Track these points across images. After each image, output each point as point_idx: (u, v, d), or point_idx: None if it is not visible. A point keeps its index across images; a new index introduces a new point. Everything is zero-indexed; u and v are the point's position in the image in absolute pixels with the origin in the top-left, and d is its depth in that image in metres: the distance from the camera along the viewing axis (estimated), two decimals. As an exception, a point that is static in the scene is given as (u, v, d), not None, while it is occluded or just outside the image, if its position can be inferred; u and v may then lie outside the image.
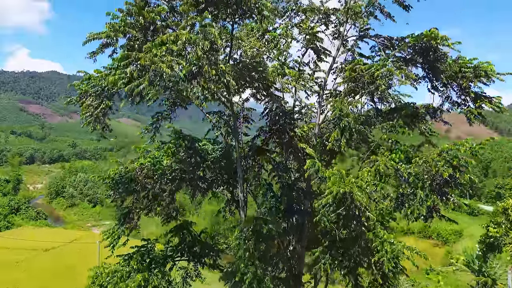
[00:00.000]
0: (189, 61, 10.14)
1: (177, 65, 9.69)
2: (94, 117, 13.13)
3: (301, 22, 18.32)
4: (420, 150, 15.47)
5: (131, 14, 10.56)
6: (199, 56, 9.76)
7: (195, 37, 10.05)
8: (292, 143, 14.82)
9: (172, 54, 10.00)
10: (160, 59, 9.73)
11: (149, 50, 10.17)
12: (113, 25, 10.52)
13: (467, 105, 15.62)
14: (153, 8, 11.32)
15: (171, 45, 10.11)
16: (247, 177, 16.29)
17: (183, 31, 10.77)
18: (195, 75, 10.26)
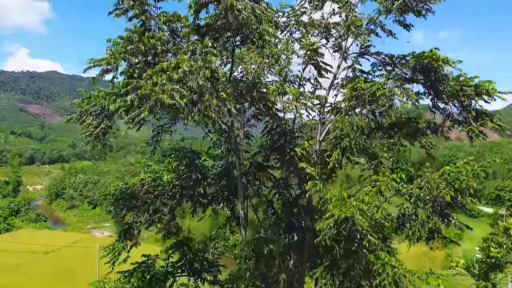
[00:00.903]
0: (190, 88, 10.08)
1: (177, 94, 9.65)
2: (94, 136, 13.13)
3: (302, 37, 18.31)
4: (422, 169, 15.44)
5: (132, 41, 10.51)
6: (200, 84, 9.71)
7: (196, 65, 10.01)
8: (293, 161, 14.76)
9: (172, 82, 9.97)
10: (161, 88, 9.70)
11: (150, 77, 10.15)
12: (113, 52, 10.49)
13: (468, 122, 15.59)
14: (153, 33, 11.29)
15: (172, 72, 10.07)
16: (247, 194, 16.26)
17: (184, 55, 10.74)
18: (195, 103, 10.21)
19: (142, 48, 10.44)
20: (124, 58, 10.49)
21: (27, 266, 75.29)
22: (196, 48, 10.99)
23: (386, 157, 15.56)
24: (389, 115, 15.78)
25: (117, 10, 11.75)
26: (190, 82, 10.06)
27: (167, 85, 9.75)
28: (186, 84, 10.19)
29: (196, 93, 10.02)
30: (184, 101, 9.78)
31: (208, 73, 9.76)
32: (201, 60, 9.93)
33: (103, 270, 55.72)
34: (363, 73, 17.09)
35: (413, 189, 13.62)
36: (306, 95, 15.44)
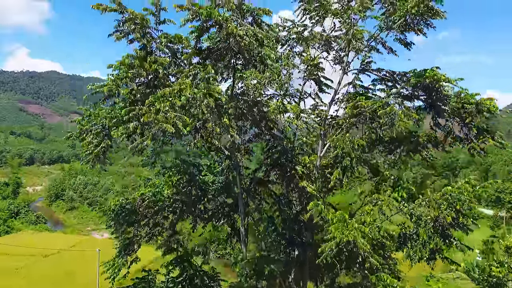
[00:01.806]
0: (193, 115, 10.03)
1: (180, 122, 9.61)
2: (95, 155, 13.07)
3: (302, 51, 18.27)
4: (423, 187, 15.42)
5: (133, 66, 10.48)
6: (203, 112, 9.66)
7: (199, 92, 9.96)
8: (294, 179, 14.74)
9: (175, 109, 9.93)
10: (164, 116, 9.66)
11: (152, 103, 10.11)
12: (115, 79, 10.45)
13: (469, 139, 15.57)
14: (155, 56, 11.26)
15: (175, 99, 10.03)
16: (248, 210, 16.23)
17: (186, 79, 10.71)
18: (198, 129, 10.17)
19: (144, 73, 10.39)
20: (126, 83, 10.43)
21: (27, 269, 75.10)
22: (198, 72, 10.95)
23: (387, 175, 15.52)
24: (391, 131, 15.77)
25: (118, 32, 11.72)
26: (193, 109, 10.01)
27: (170, 112, 9.71)
28: (189, 111, 10.15)
29: (199, 120, 9.96)
30: (187, 129, 9.74)
31: (212, 101, 9.71)
32: (204, 88, 9.86)
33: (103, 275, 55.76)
34: (364, 89, 17.06)
35: (415, 209, 13.60)
36: (307, 112, 15.40)
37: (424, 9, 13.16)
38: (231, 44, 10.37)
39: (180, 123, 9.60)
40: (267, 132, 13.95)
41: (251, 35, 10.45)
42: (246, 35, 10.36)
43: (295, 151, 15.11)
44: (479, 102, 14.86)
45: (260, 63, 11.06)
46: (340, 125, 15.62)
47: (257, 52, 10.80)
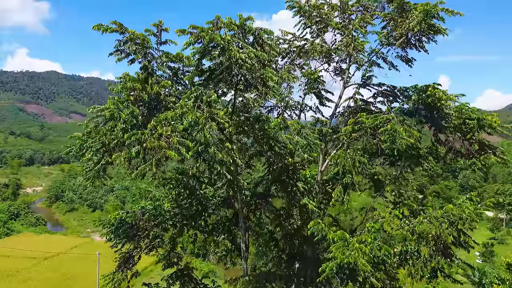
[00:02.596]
0: (195, 139, 10.00)
1: (183, 148, 9.59)
2: (95, 172, 13.03)
3: (303, 64, 18.26)
4: (424, 204, 15.40)
5: (134, 90, 10.45)
6: (206, 137, 9.64)
7: (201, 116, 9.92)
8: (295, 196, 14.72)
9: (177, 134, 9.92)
10: (166, 141, 9.63)
11: (154, 127, 10.08)
12: (116, 102, 10.42)
13: (471, 154, 15.54)
14: (157, 78, 11.23)
15: (177, 123, 10.01)
16: (249, 225, 16.20)
17: (188, 101, 10.69)
18: (200, 153, 10.15)
19: (145, 96, 10.36)
20: (128, 106, 10.40)
21: (27, 272, 75.18)
22: (200, 93, 10.93)
23: (389, 190, 15.50)
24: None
25: (118, 51, 11.69)
26: (195, 133, 9.98)
27: (173, 137, 9.67)
28: (192, 134, 10.12)
29: (202, 144, 9.93)
30: (190, 154, 9.72)
31: (214, 126, 9.69)
32: (207, 112, 9.84)
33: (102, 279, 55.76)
34: (364, 102, 17.03)
35: (416, 227, 13.55)
36: (307, 127, 15.37)
37: (426, 27, 13.12)
38: (233, 67, 10.34)
39: (183, 148, 9.58)
40: (268, 150, 13.90)
41: (253, 58, 10.41)
42: (249, 57, 10.32)
43: (296, 167, 15.07)
44: (481, 118, 14.84)
45: (262, 84, 11.03)
46: (341, 141, 15.59)
47: (259, 74, 10.77)
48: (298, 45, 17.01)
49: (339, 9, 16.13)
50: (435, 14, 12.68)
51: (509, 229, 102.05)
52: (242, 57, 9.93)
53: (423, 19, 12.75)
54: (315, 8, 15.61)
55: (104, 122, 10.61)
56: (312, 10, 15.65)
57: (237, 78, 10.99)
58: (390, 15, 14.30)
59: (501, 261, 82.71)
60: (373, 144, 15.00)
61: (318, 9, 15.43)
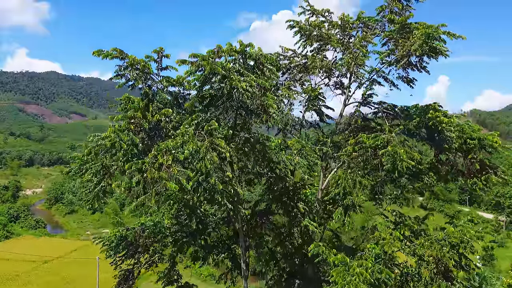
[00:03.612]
0: (196, 168, 9.97)
1: (184, 179, 9.57)
2: (95, 194, 13.01)
3: (304, 80, 18.23)
4: (425, 223, 15.37)
5: (135, 118, 10.42)
6: (207, 168, 9.61)
7: (202, 145, 9.89)
8: (296, 217, 14.69)
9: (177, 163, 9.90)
10: (166, 171, 9.61)
11: (155, 157, 10.05)
12: (116, 130, 10.40)
13: (472, 174, 15.51)
14: (158, 104, 11.20)
15: (178, 152, 9.99)
16: (249, 244, 16.16)
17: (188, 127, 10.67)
18: (201, 182, 10.12)
19: (146, 125, 10.34)
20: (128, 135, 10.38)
21: (27, 276, 75.19)
22: (201, 120, 10.91)
23: (389, 210, 15.48)
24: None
25: (118, 76, 11.67)
26: (195, 162, 9.95)
27: (173, 167, 9.65)
28: (192, 163, 10.09)
29: (202, 174, 9.91)
30: (190, 184, 9.70)
31: (215, 156, 9.65)
32: (208, 141, 9.81)
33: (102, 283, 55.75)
34: (365, 120, 16.99)
35: (417, 249, 13.54)
36: (308, 146, 15.35)
37: (427, 49, 13.08)
38: (234, 95, 10.32)
39: (183, 179, 9.56)
40: (269, 171, 13.89)
41: (254, 86, 10.38)
42: (250, 85, 10.29)
43: (296, 187, 15.03)
44: (482, 138, 14.82)
45: (263, 111, 11.00)
46: (341, 160, 15.55)
47: (259, 102, 10.74)
48: (298, 62, 16.95)
49: (340, 27, 16.09)
50: (436, 37, 12.64)
51: (509, 232, 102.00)
52: (243, 86, 9.90)
53: (424, 42, 12.71)
54: (315, 28, 15.57)
55: (104, 151, 10.57)
56: (312, 29, 15.62)
57: (238, 104, 10.96)
58: (391, 35, 14.25)
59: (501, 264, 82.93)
60: (374, 165, 14.96)
61: (318, 28, 15.39)
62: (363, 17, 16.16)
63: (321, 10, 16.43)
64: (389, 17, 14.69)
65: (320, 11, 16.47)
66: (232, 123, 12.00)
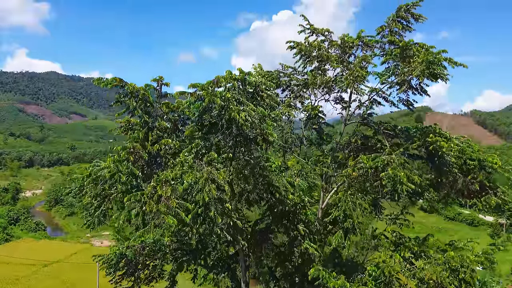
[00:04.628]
0: (195, 200, 9.99)
1: (183, 212, 9.58)
2: (95, 218, 13.02)
3: (304, 98, 18.25)
4: (426, 245, 15.35)
5: (134, 149, 10.42)
6: (205, 200, 9.62)
7: (201, 177, 9.89)
8: (296, 239, 14.69)
9: (176, 194, 9.91)
10: (165, 204, 9.62)
11: (154, 188, 10.05)
12: (115, 161, 10.40)
13: (472, 194, 15.52)
14: (157, 132, 11.20)
15: (177, 183, 10.00)
16: (249, 263, 16.16)
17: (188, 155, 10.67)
18: (200, 214, 10.14)
19: (145, 156, 10.34)
20: (127, 167, 10.38)
21: (27, 280, 75.22)
22: (200, 148, 10.91)
23: (389, 231, 15.48)
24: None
25: (118, 102, 11.67)
26: (194, 193, 9.96)
27: (172, 200, 9.65)
28: (191, 194, 10.11)
29: (201, 206, 9.93)
30: (189, 217, 9.72)
31: (214, 189, 9.66)
32: (207, 173, 9.82)
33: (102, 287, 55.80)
34: (365, 138, 16.98)
35: (417, 273, 13.53)
36: (308, 167, 15.36)
37: (428, 73, 13.07)
38: (233, 125, 10.34)
39: (182, 212, 9.58)
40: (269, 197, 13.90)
41: (253, 115, 10.38)
42: (249, 115, 10.28)
43: (296, 209, 15.01)
44: (482, 159, 14.82)
45: (262, 139, 10.99)
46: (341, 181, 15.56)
47: (259, 131, 10.74)
48: (298, 83, 16.97)
49: (340, 47, 16.08)
50: (437, 63, 12.62)
51: (509, 235, 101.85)
52: (242, 116, 9.90)
53: (426, 68, 12.70)
54: (315, 48, 15.57)
55: (103, 182, 10.58)
56: (313, 50, 15.62)
57: (237, 133, 10.95)
58: (392, 58, 14.25)
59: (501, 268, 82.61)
60: (374, 186, 14.98)
61: (318, 49, 15.38)
62: (363, 36, 16.14)
63: (321, 29, 16.42)
64: (389, 39, 14.67)
65: (320, 30, 16.45)
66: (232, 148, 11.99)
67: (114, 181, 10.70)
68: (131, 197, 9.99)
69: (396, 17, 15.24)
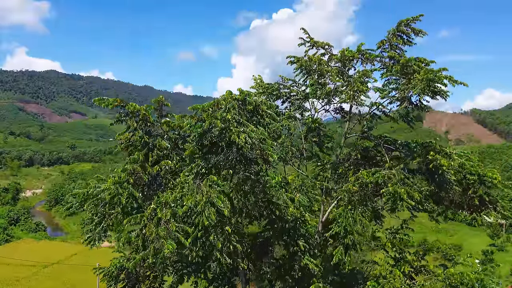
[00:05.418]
0: (194, 223, 10.04)
1: (182, 236, 9.63)
2: (96, 235, 13.07)
3: (304, 110, 18.28)
4: (425, 259, 15.42)
5: (134, 171, 10.45)
6: (205, 225, 9.67)
7: (201, 200, 9.92)
8: (296, 256, 14.73)
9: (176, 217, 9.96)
10: (165, 227, 9.65)
11: (153, 210, 10.09)
12: (115, 183, 10.43)
13: (471, 208, 15.56)
14: (157, 152, 11.23)
15: (177, 207, 10.03)
16: (249, 277, 16.20)
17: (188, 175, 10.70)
18: (199, 238, 10.19)
19: (146, 178, 10.38)
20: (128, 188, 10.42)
21: (27, 281, 75.42)
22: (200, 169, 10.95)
23: (389, 246, 15.52)
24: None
25: (119, 121, 11.69)
26: (194, 216, 10.01)
27: (172, 223, 9.70)
28: (191, 217, 10.15)
29: (200, 230, 9.98)
30: (189, 241, 9.76)
31: (213, 213, 9.70)
32: (206, 197, 9.86)
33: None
34: (365, 151, 17.01)
35: (417, 290, 13.59)
36: (308, 182, 15.39)
37: (427, 91, 13.08)
38: (233, 147, 10.38)
39: (182, 237, 9.62)
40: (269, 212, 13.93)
41: (254, 137, 10.40)
42: (249, 137, 10.31)
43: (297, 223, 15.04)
44: (482, 174, 14.85)
45: (263, 160, 11.02)
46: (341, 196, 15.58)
47: (259, 151, 10.76)
48: (298, 98, 17.03)
49: (340, 61, 16.08)
50: (437, 81, 12.64)
51: (509, 235, 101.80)
52: (242, 139, 9.92)
53: (426, 86, 12.72)
54: (315, 63, 15.58)
55: (103, 204, 10.62)
56: (313, 65, 15.63)
57: (237, 153, 10.97)
58: (392, 75, 14.26)
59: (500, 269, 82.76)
60: (374, 201, 15.03)
61: (319, 65, 15.39)
62: (363, 50, 16.14)
63: (321, 43, 16.42)
64: (390, 54, 14.68)
65: (320, 44, 16.45)
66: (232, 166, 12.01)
67: (114, 203, 10.74)
68: (131, 219, 10.04)
69: (397, 32, 15.26)
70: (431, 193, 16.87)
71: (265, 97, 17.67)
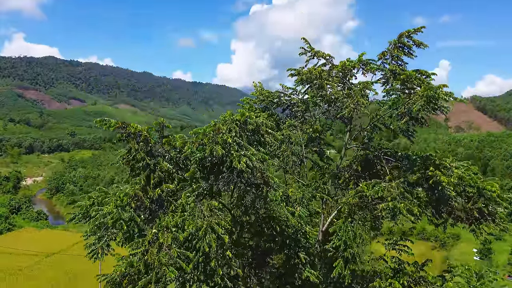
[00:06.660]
0: (195, 248, 10.16)
1: (184, 263, 9.76)
2: (99, 249, 13.18)
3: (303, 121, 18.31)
4: (424, 270, 15.56)
5: (135, 195, 10.53)
6: (206, 251, 9.80)
7: (202, 225, 10.03)
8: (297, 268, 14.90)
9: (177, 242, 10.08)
10: (167, 253, 9.77)
11: (155, 235, 10.20)
12: (117, 206, 10.52)
13: (470, 220, 15.66)
14: (158, 174, 11.29)
15: (178, 231, 10.15)
16: (250, 286, 16.38)
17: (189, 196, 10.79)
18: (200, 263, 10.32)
19: (147, 202, 10.46)
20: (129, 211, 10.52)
21: (29, 270, 76.38)
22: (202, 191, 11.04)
23: (388, 257, 15.66)
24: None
25: (120, 141, 11.72)
26: (195, 241, 10.13)
27: (173, 249, 9.82)
28: (192, 242, 10.28)
29: (202, 255, 10.11)
30: (190, 267, 9.89)
31: (214, 239, 9.81)
32: (207, 223, 9.97)
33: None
34: (365, 162, 17.05)
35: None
36: (307, 195, 15.49)
37: (428, 107, 13.08)
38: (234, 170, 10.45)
39: (183, 263, 9.75)
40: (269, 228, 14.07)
41: (254, 160, 10.46)
42: (250, 161, 10.36)
43: (297, 236, 15.18)
44: (481, 187, 14.93)
45: (263, 182, 11.10)
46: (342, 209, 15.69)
47: (260, 175, 10.83)
48: (298, 109, 17.05)
49: (341, 72, 16.02)
50: (437, 98, 12.63)
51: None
52: (243, 163, 9.99)
53: (426, 103, 12.72)
54: (315, 76, 15.53)
55: (105, 228, 10.73)
56: (313, 77, 15.59)
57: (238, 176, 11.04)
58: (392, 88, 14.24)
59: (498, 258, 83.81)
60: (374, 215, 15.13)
61: (320, 78, 15.35)
62: (364, 59, 16.07)
63: (322, 53, 16.36)
64: (391, 68, 14.63)
65: (321, 54, 16.38)
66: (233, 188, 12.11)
67: (117, 228, 10.86)
68: (133, 245, 10.17)
69: (398, 43, 15.18)
70: (430, 201, 17.04)
71: (265, 105, 17.70)
